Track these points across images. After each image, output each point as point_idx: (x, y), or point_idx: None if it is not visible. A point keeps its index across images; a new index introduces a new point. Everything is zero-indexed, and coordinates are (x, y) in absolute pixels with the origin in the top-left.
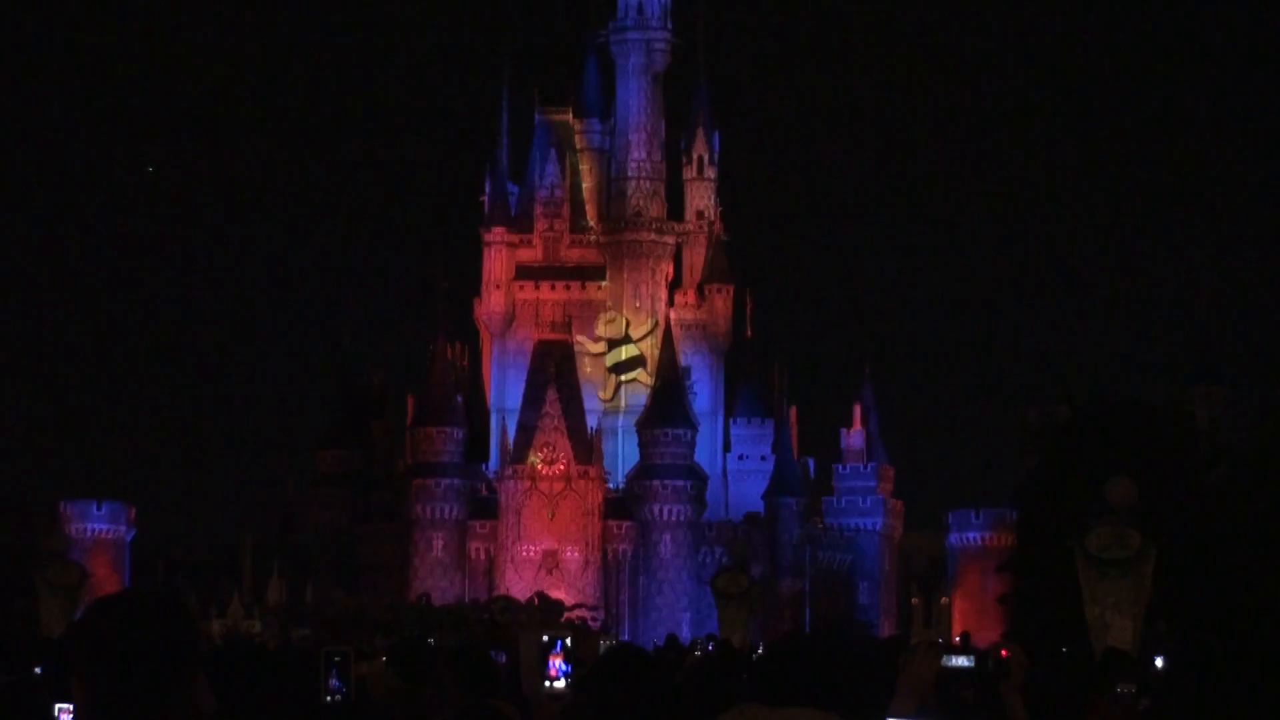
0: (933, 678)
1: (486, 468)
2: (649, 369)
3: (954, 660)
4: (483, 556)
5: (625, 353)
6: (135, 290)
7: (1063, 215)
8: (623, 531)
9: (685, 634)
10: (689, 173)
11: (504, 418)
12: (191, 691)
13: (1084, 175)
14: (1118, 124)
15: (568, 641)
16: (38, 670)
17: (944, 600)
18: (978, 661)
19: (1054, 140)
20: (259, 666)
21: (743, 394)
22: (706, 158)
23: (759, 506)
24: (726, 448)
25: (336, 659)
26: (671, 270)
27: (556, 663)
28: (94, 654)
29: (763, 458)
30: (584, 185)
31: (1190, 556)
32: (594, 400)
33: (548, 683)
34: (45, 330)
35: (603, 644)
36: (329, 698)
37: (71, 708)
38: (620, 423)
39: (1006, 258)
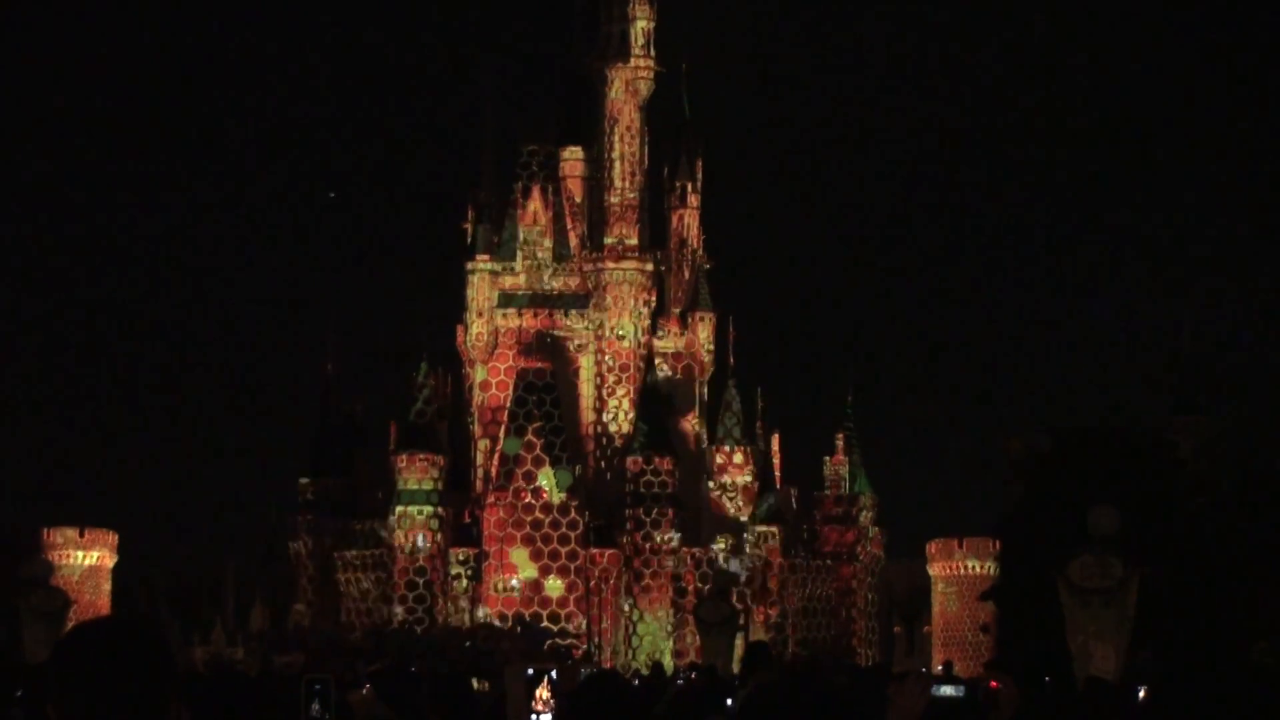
0: (921, 709)
1: (469, 495)
2: (631, 396)
3: (942, 690)
4: (465, 584)
5: (609, 379)
6: (118, 317)
7: (1047, 244)
8: (605, 560)
9: (669, 663)
10: (672, 201)
11: (487, 445)
12: (169, 717)
13: (1069, 204)
14: (1102, 154)
15: (553, 674)
16: (19, 697)
17: (926, 629)
18: (968, 692)
19: (1038, 169)
20: (240, 693)
21: (725, 422)
22: (689, 186)
23: (741, 535)
24: (708, 476)
25: (317, 686)
26: (654, 298)
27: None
28: (70, 681)
29: (744, 486)
30: (566, 213)
31: (1173, 586)
32: (577, 427)
33: (534, 716)
34: (28, 356)
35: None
36: None
37: None
38: (603, 450)
39: (990, 287)
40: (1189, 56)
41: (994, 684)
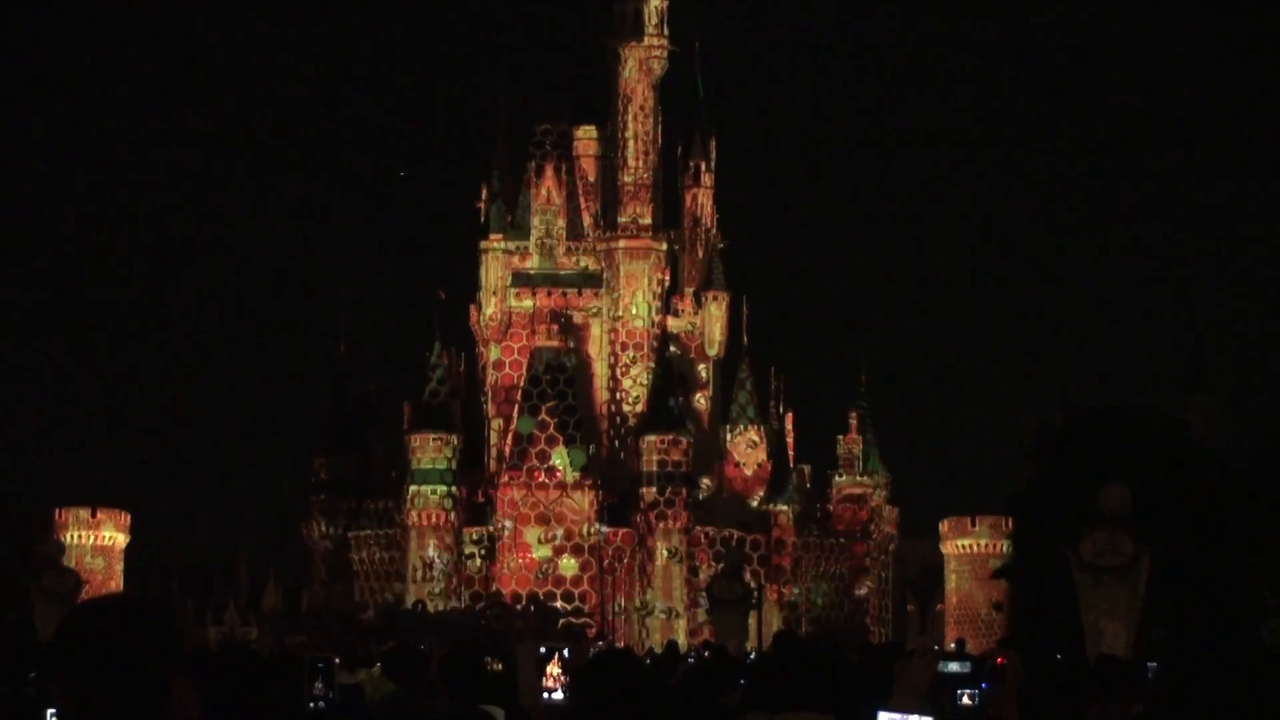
0: (927, 685)
1: (483, 475)
2: (645, 375)
3: (950, 665)
4: (478, 563)
5: (622, 358)
6: (131, 297)
7: (1058, 223)
8: (618, 539)
9: (682, 641)
10: (686, 180)
11: (500, 425)
12: (173, 696)
13: (1078, 183)
14: (1110, 131)
15: (565, 652)
16: (33, 677)
17: (939, 607)
18: (974, 667)
19: (1048, 148)
20: (250, 673)
21: (739, 401)
22: (704, 165)
23: (754, 514)
24: (722, 455)
25: (320, 665)
26: (668, 277)
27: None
28: (72, 658)
29: (758, 465)
30: (580, 192)
31: (1184, 564)
32: (590, 407)
33: (546, 694)
34: (40, 336)
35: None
36: (312, 704)
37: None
38: (617, 429)
39: (1003, 266)
40: (1204, 36)
41: (1000, 660)
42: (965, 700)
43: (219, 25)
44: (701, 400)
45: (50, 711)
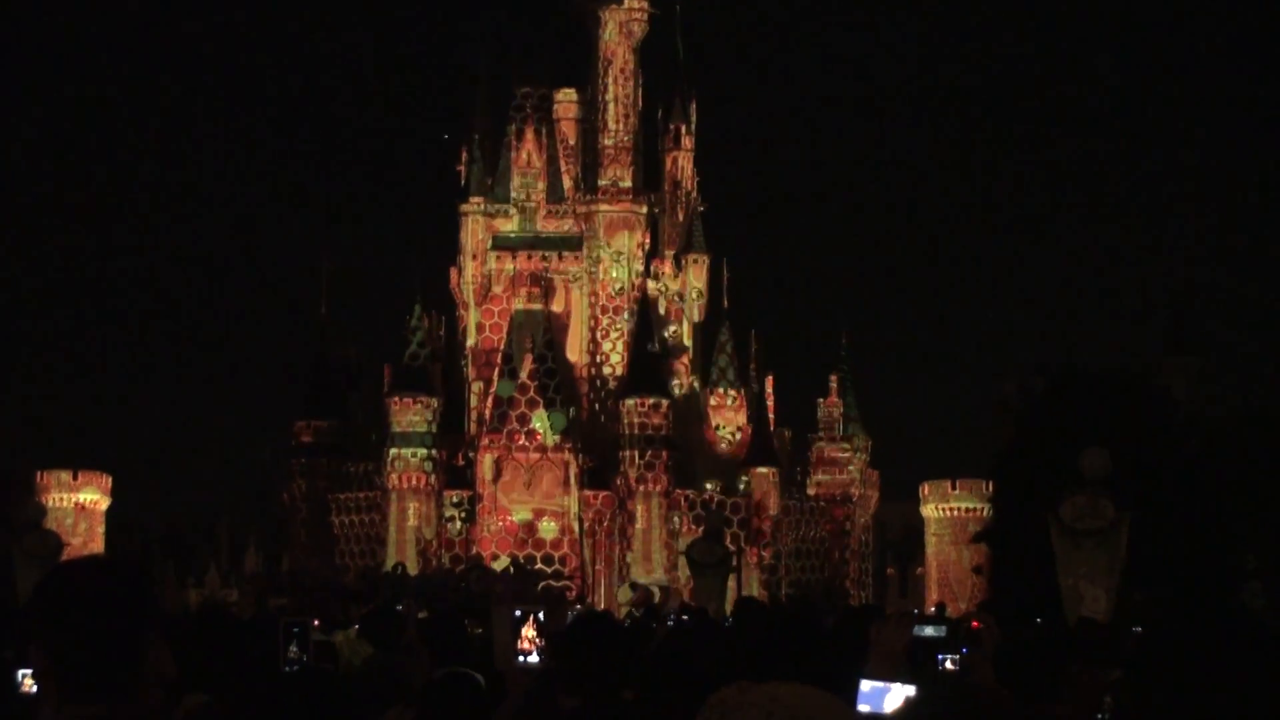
0: (903, 647)
1: (463, 438)
2: (625, 338)
3: (925, 629)
4: (459, 526)
5: (602, 321)
6: (112, 258)
7: (1039, 187)
8: (599, 501)
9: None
10: (666, 143)
11: (480, 388)
12: (150, 657)
13: (1059, 146)
14: (1090, 95)
15: (540, 616)
16: (8, 638)
17: (919, 570)
18: (949, 631)
19: (1027, 113)
20: (228, 635)
21: (719, 364)
22: (684, 128)
23: (735, 477)
24: (702, 418)
25: (295, 628)
26: (648, 240)
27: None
28: (50, 620)
29: (739, 428)
30: (560, 155)
31: (1165, 527)
32: (570, 370)
33: (521, 657)
34: (21, 298)
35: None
36: (288, 666)
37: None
38: (597, 393)
39: (984, 229)
40: (1180, 9)
41: (976, 624)
42: (948, 665)
43: None
44: (682, 364)
45: (22, 672)
